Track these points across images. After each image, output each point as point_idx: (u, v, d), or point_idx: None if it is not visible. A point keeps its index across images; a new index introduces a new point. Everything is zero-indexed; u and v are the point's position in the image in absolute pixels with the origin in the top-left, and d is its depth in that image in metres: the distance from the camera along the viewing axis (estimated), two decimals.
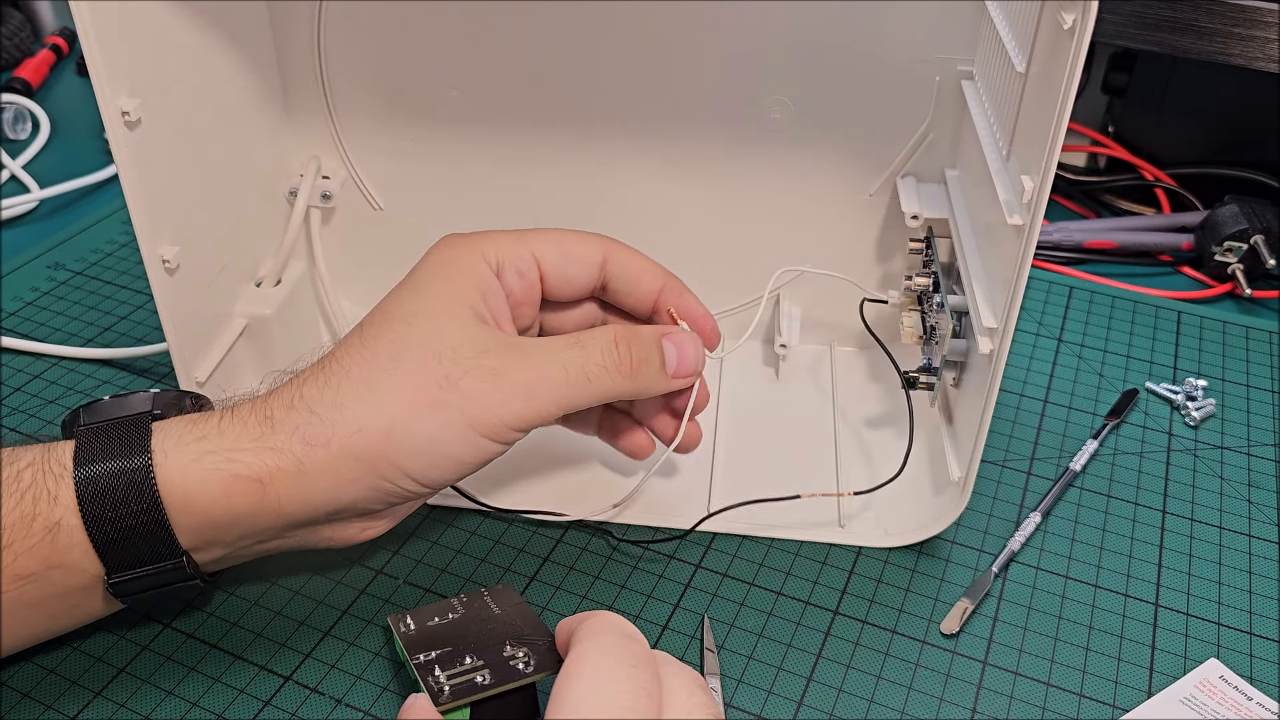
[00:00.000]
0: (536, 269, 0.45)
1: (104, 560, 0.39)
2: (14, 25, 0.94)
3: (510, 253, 0.44)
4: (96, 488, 0.38)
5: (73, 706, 0.43)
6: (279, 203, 0.58)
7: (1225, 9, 0.67)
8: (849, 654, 0.46)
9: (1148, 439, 0.58)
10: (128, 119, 0.43)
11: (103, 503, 0.38)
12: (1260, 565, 0.51)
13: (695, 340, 0.46)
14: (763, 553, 0.50)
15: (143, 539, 0.39)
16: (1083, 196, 0.80)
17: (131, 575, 0.40)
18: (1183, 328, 0.66)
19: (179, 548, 0.40)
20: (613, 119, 0.55)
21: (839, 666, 0.45)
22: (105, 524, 0.38)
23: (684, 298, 0.48)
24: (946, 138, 0.54)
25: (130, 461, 0.39)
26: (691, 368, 0.45)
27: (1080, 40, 0.36)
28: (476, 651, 0.41)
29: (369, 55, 0.55)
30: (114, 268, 0.69)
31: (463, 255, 0.44)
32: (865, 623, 0.47)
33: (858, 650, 0.46)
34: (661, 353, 0.45)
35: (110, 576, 0.40)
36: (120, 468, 0.39)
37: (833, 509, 0.52)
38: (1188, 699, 0.44)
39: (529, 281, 0.45)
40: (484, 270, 0.44)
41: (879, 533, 0.51)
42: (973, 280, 0.47)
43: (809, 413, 0.58)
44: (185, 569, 0.40)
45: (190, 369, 0.50)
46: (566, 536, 0.51)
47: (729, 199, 0.57)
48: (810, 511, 0.52)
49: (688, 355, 0.45)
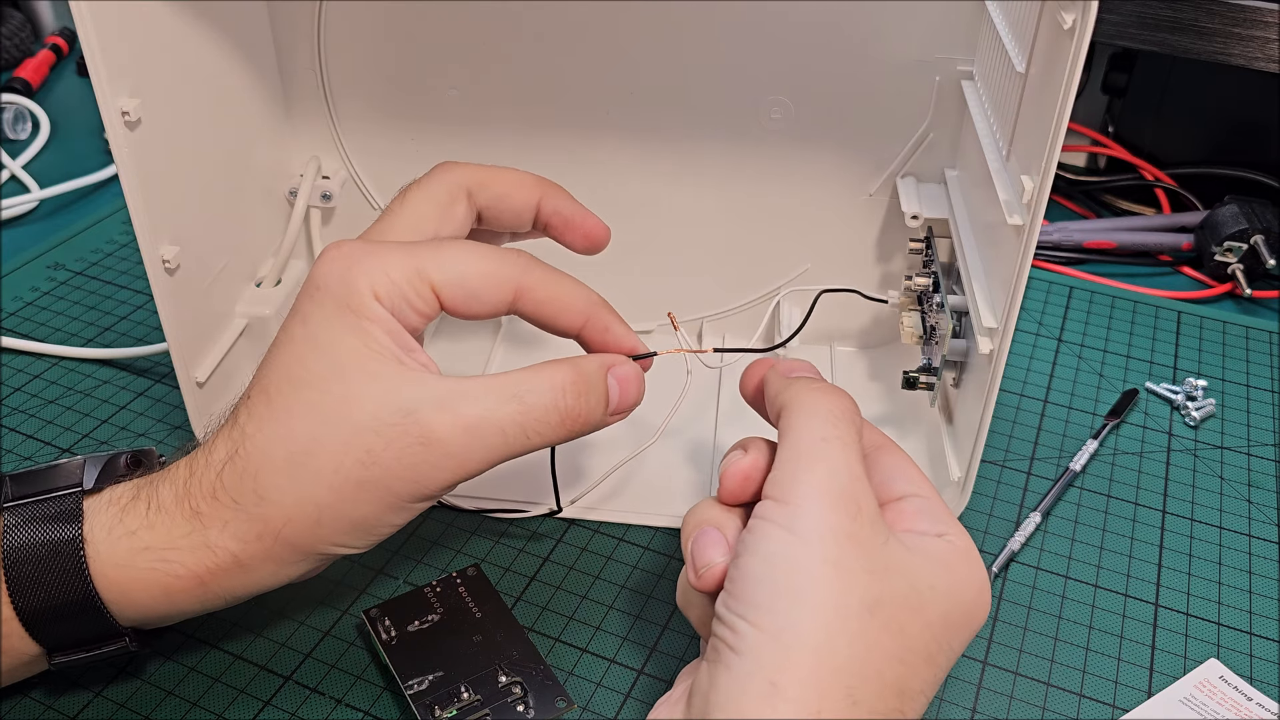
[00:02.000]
0: (435, 303, 0.40)
1: (41, 643, 0.39)
2: (14, 25, 0.94)
3: (405, 288, 0.39)
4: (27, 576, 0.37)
5: (72, 707, 0.43)
6: (279, 203, 0.58)
7: (1225, 9, 0.67)
8: None
9: (1148, 439, 0.58)
10: (128, 119, 0.43)
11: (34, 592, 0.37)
12: (1260, 565, 0.51)
13: (639, 374, 0.42)
14: None
15: (80, 624, 0.38)
16: (1083, 196, 0.80)
17: (74, 657, 0.39)
18: (1183, 328, 0.66)
19: (122, 631, 0.39)
20: (613, 119, 0.55)
21: None
22: (38, 613, 0.38)
23: (611, 330, 0.43)
24: (946, 138, 0.54)
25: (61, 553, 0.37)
26: (631, 404, 0.42)
27: (1080, 40, 0.36)
28: (471, 683, 0.42)
29: (369, 55, 0.55)
30: (114, 268, 0.69)
31: (354, 296, 0.38)
32: None
33: None
34: (606, 391, 0.41)
35: (53, 657, 0.39)
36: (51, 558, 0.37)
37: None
38: (1188, 699, 0.44)
39: (427, 315, 0.40)
40: (378, 310, 0.38)
41: None
42: (973, 280, 0.47)
43: None
44: (129, 647, 0.40)
45: (190, 369, 0.50)
46: (567, 535, 0.51)
47: (729, 199, 0.57)
48: None
49: (630, 392, 0.42)
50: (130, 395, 0.58)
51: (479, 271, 0.40)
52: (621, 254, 0.57)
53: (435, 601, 0.45)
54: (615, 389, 0.41)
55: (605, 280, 0.48)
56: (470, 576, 0.47)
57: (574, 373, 0.40)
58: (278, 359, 0.39)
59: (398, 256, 0.39)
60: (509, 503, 0.51)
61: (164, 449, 0.55)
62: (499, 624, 0.45)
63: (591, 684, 0.44)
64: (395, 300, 0.39)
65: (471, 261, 0.40)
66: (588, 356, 0.42)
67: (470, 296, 0.40)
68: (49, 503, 0.39)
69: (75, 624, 0.38)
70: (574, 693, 0.43)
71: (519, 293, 0.41)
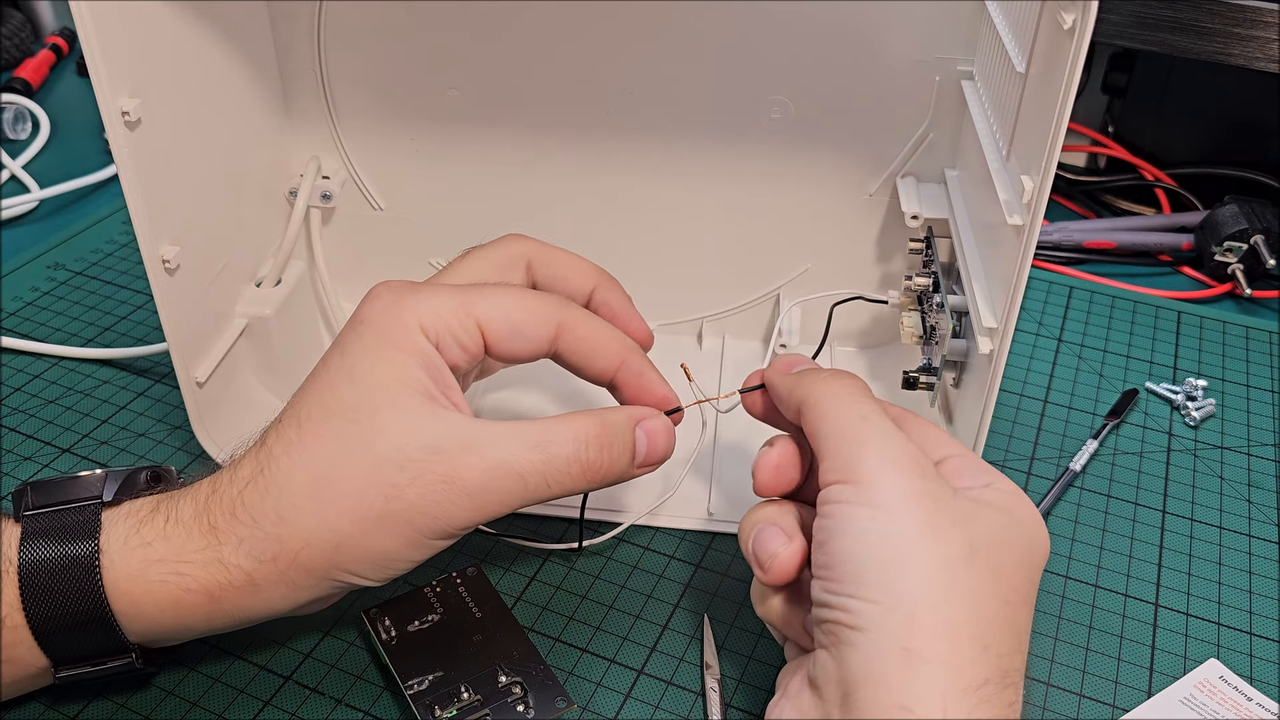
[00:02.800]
0: (480, 339, 0.41)
1: (49, 655, 0.38)
2: (14, 25, 0.94)
3: (451, 322, 0.40)
4: (41, 586, 0.37)
5: (72, 707, 0.43)
6: (279, 203, 0.58)
7: (1225, 9, 0.67)
8: None
9: (1148, 439, 0.58)
10: (128, 119, 0.43)
11: (47, 602, 0.37)
12: (1260, 565, 0.51)
13: (669, 427, 0.43)
14: None
15: (89, 637, 0.38)
16: (1083, 196, 0.80)
17: (79, 671, 0.39)
18: (1183, 328, 0.66)
19: (129, 646, 0.39)
20: (613, 119, 0.55)
21: None
22: (49, 622, 0.38)
23: (645, 375, 0.44)
24: (946, 138, 0.54)
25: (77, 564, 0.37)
26: (660, 457, 0.42)
27: (1080, 40, 0.36)
28: (471, 683, 0.42)
29: (369, 55, 0.55)
30: (114, 268, 0.69)
31: (397, 328, 0.39)
32: None
33: None
34: (634, 444, 0.41)
35: (57, 670, 0.39)
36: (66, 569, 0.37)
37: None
38: (1187, 699, 0.44)
39: (472, 353, 0.41)
40: (423, 343, 0.39)
41: None
42: (973, 280, 0.47)
43: None
44: (135, 664, 0.40)
45: (190, 369, 0.50)
46: (568, 535, 0.51)
47: (729, 199, 0.57)
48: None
49: (658, 446, 0.42)
50: (130, 395, 0.58)
51: (523, 306, 0.42)
52: (622, 254, 0.58)
53: (435, 601, 0.45)
54: (644, 442, 0.42)
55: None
56: (470, 576, 0.47)
57: (598, 426, 0.40)
58: (312, 388, 0.40)
59: (445, 294, 0.41)
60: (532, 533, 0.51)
61: (164, 449, 0.55)
62: (499, 624, 0.45)
63: (591, 684, 0.44)
64: (441, 334, 0.40)
65: (515, 298, 0.42)
66: (616, 409, 0.42)
67: (514, 332, 0.41)
68: (68, 513, 0.39)
69: (84, 636, 0.38)
70: (574, 693, 0.43)
71: (560, 329, 0.42)
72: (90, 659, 0.39)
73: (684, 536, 0.50)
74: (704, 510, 0.52)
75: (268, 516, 0.38)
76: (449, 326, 0.40)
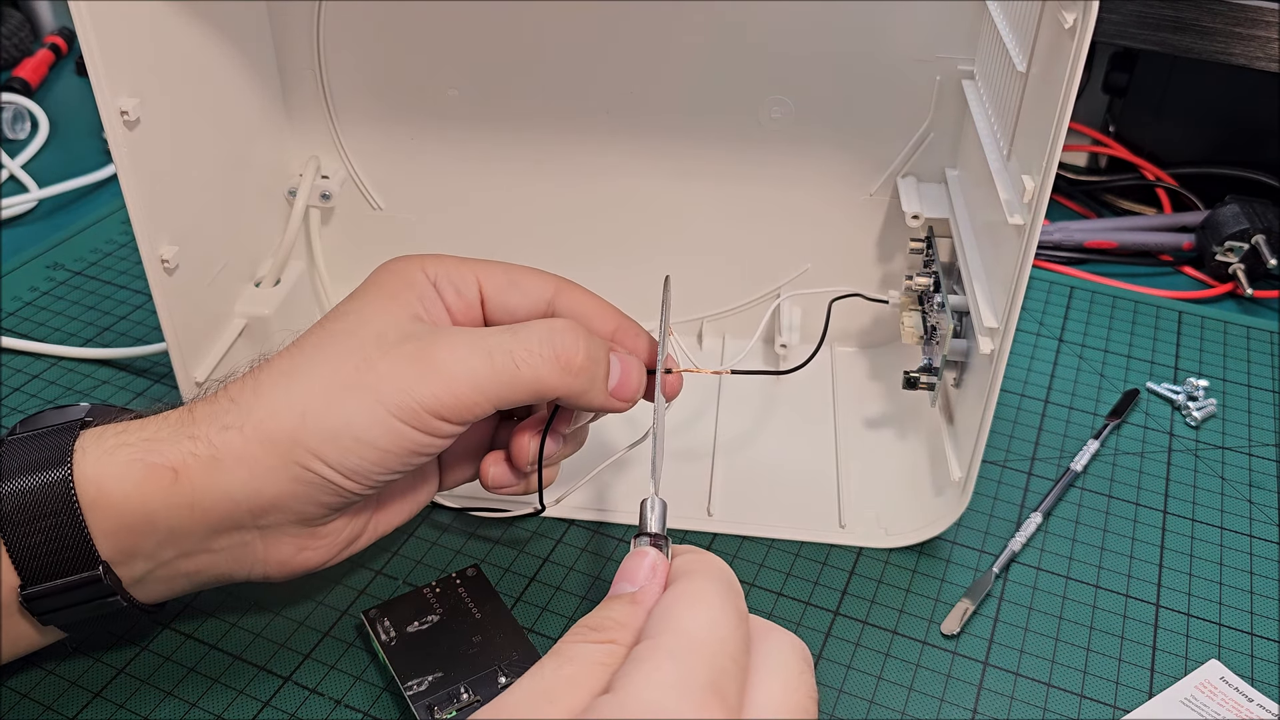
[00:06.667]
0: (478, 291, 0.43)
1: (19, 569, 0.38)
2: (13, 25, 0.94)
3: (451, 271, 0.43)
4: (14, 493, 0.37)
5: (72, 707, 0.43)
6: (279, 203, 0.58)
7: (1226, 9, 0.67)
8: (849, 655, 0.46)
9: (1149, 439, 0.58)
10: (127, 119, 0.43)
11: (19, 507, 0.37)
12: (1261, 566, 0.51)
13: (641, 369, 0.43)
14: (763, 553, 0.50)
15: (58, 543, 0.38)
16: (1083, 196, 0.80)
17: (48, 588, 0.38)
18: (1184, 328, 0.66)
19: (96, 556, 0.38)
20: (613, 119, 0.55)
21: (839, 667, 0.45)
22: (20, 527, 0.37)
23: (639, 340, 0.45)
24: (947, 137, 0.54)
25: (50, 464, 0.38)
26: (632, 393, 0.43)
27: (1081, 40, 0.36)
28: (471, 683, 0.42)
29: (369, 55, 0.55)
30: (113, 268, 0.69)
31: (401, 268, 0.43)
32: (865, 623, 0.47)
33: (858, 651, 0.46)
34: (609, 362, 0.42)
35: (24, 588, 0.38)
36: (39, 468, 0.38)
37: (833, 511, 0.52)
38: (1188, 700, 0.44)
39: (467, 301, 0.43)
40: (422, 280, 0.42)
41: (879, 533, 0.51)
42: (973, 280, 0.47)
43: (809, 412, 0.58)
44: (103, 581, 0.38)
45: (190, 369, 0.50)
46: (567, 536, 0.51)
47: (729, 199, 0.57)
48: (811, 512, 0.52)
49: (631, 378, 0.43)
50: (129, 395, 0.58)
51: (524, 271, 0.45)
52: (622, 253, 0.58)
53: (435, 602, 0.45)
54: (617, 368, 0.43)
55: (606, 280, 0.48)
56: (470, 577, 0.47)
57: (569, 321, 0.42)
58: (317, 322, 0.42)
59: (449, 256, 0.44)
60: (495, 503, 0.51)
61: None
62: (499, 625, 0.45)
63: None
64: (439, 275, 0.43)
65: (518, 265, 0.45)
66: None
67: (512, 284, 0.44)
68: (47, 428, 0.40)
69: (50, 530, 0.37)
70: None
71: (558, 290, 0.45)
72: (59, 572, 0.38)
73: (684, 537, 0.50)
74: (704, 510, 0.52)
75: (244, 393, 0.40)
76: (448, 274, 0.43)
